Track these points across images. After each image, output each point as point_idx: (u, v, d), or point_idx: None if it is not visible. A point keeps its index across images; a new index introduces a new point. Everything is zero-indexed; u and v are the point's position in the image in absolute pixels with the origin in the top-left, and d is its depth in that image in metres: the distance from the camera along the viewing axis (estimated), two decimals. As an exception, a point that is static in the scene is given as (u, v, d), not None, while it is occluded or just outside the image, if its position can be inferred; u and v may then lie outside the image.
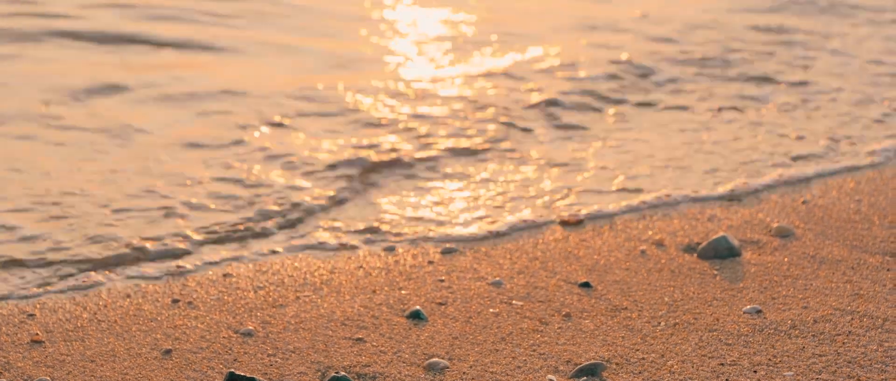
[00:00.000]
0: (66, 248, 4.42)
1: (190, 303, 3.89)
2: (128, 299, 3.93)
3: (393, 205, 5.03)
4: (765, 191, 5.14)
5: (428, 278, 4.12)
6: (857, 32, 9.32)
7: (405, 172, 5.56)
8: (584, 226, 4.69)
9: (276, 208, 4.93)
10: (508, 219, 4.80)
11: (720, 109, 6.70)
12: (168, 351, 3.48)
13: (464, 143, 6.01)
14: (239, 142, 5.89)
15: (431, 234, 4.62)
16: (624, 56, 8.09)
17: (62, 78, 6.95)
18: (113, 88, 6.84)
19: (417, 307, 3.80)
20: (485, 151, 5.92)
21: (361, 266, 4.25)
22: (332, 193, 5.18)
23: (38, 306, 3.86)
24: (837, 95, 7.14)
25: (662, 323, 3.69)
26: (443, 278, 4.11)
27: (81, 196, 4.96)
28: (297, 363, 3.42)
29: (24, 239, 4.48)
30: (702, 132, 6.24)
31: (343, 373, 3.31)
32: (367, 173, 5.49)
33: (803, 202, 4.90)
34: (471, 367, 3.39)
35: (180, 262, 4.32)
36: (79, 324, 3.71)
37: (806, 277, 4.07)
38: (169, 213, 4.82)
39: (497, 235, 4.61)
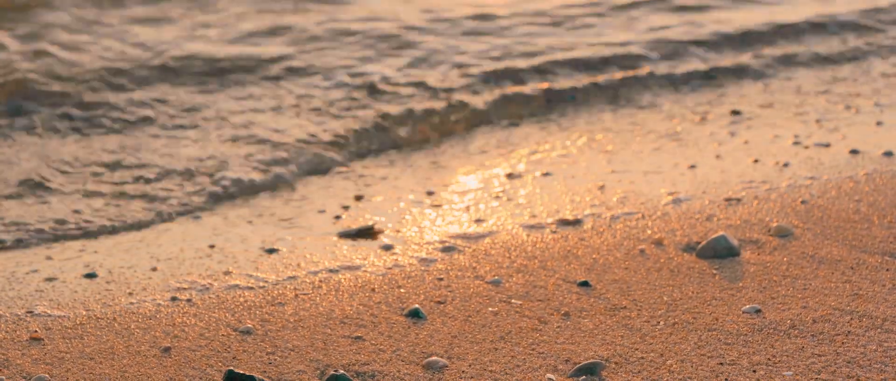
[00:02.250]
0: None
1: (189, 300, 3.89)
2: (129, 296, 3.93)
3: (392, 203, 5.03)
4: (764, 191, 5.13)
5: (427, 276, 4.12)
6: None
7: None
8: (582, 225, 4.69)
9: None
10: (508, 217, 4.80)
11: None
12: (167, 349, 3.48)
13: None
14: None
15: (431, 232, 4.62)
16: None
17: None
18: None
19: (416, 306, 3.79)
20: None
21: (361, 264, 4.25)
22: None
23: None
24: None
25: (661, 322, 3.69)
26: (442, 276, 4.11)
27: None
28: (296, 361, 3.41)
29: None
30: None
31: (342, 371, 3.31)
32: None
33: (802, 202, 4.90)
34: (470, 366, 3.39)
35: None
36: (78, 321, 3.71)
37: (805, 276, 4.07)
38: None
39: (496, 233, 4.61)
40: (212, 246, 4.54)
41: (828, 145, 5.90)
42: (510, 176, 5.54)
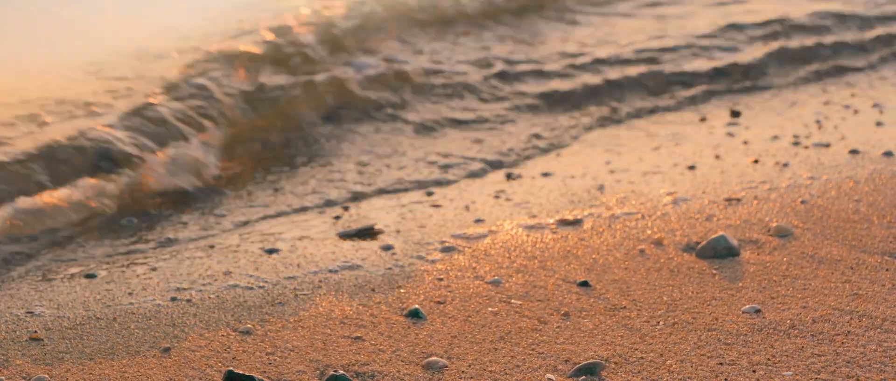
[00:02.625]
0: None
1: (189, 300, 3.89)
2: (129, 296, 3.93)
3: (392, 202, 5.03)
4: (764, 191, 5.14)
5: (427, 276, 4.12)
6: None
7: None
8: (582, 225, 4.69)
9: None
10: (507, 217, 4.80)
11: None
12: (167, 349, 3.48)
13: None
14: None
15: (431, 232, 4.62)
16: None
17: None
18: None
19: (416, 306, 3.79)
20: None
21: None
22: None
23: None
24: None
25: (661, 322, 3.69)
26: (442, 276, 4.11)
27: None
28: (295, 361, 3.42)
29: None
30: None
31: (342, 372, 3.31)
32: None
33: (802, 202, 4.90)
34: (469, 366, 3.39)
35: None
36: (78, 321, 3.71)
37: (805, 276, 4.07)
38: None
39: (495, 233, 4.61)
40: (211, 246, 4.54)
41: (828, 145, 5.90)
42: (510, 176, 5.54)
